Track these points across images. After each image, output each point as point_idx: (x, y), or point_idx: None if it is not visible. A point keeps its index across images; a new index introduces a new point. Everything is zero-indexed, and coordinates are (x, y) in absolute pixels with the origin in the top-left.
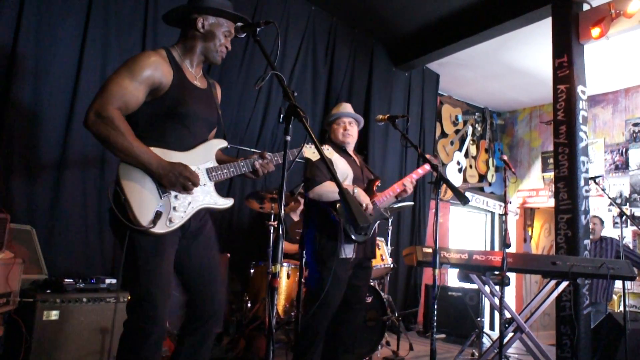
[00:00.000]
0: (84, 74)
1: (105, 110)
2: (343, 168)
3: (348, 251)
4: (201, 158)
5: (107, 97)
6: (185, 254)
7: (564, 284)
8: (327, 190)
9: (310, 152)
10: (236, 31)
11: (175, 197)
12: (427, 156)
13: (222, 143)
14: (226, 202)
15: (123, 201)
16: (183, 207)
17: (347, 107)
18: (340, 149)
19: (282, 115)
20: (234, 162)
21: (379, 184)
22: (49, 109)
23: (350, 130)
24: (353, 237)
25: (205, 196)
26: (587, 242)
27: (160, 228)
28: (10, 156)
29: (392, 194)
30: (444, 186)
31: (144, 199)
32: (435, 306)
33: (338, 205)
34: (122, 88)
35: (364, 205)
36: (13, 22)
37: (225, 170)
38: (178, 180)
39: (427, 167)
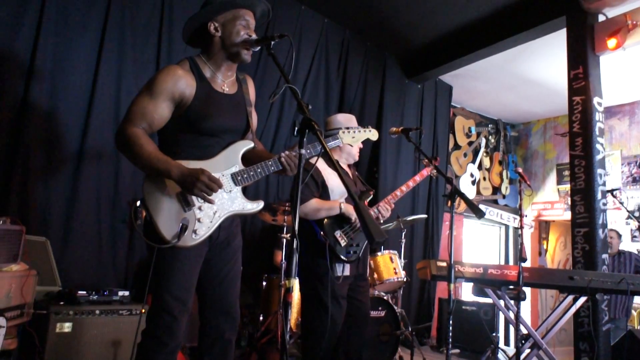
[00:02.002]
0: (99, 88)
1: (126, 131)
2: (336, 182)
3: (342, 269)
4: (224, 164)
5: (129, 118)
6: (207, 264)
7: (582, 299)
8: (313, 208)
9: (349, 137)
10: (251, 44)
11: (199, 208)
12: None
13: (248, 144)
14: (254, 206)
15: (148, 219)
16: (208, 218)
17: (355, 121)
18: (330, 161)
19: (296, 129)
20: (261, 163)
21: (371, 196)
22: (65, 122)
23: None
24: (342, 257)
25: (233, 203)
26: (605, 256)
27: (187, 241)
28: (27, 169)
29: (385, 206)
30: (457, 199)
31: (167, 215)
32: (451, 322)
33: (325, 222)
34: (141, 107)
35: (353, 219)
36: (32, 35)
37: (252, 173)
38: (196, 186)
39: (425, 172)
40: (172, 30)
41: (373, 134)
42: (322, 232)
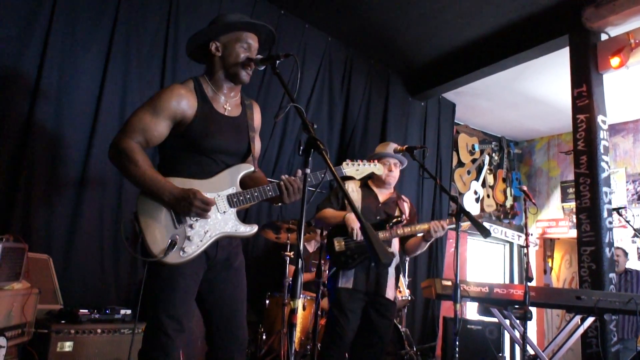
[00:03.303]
0: (103, 107)
1: (122, 143)
2: (354, 199)
3: (344, 280)
4: (222, 184)
5: (127, 131)
6: (210, 285)
7: (590, 319)
8: (323, 216)
9: (352, 170)
10: (256, 64)
11: (191, 226)
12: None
13: (248, 168)
14: (248, 230)
15: (139, 232)
16: (199, 237)
17: (392, 147)
18: (363, 183)
19: (301, 148)
20: (258, 187)
21: (399, 221)
22: (69, 140)
23: (394, 172)
24: (334, 259)
25: (226, 224)
26: (612, 275)
27: (173, 258)
28: (31, 186)
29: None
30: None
31: (158, 230)
32: (457, 342)
33: (333, 229)
34: (141, 122)
35: (350, 229)
36: (38, 54)
37: (248, 196)
38: (190, 207)
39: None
40: (177, 49)
41: (378, 169)
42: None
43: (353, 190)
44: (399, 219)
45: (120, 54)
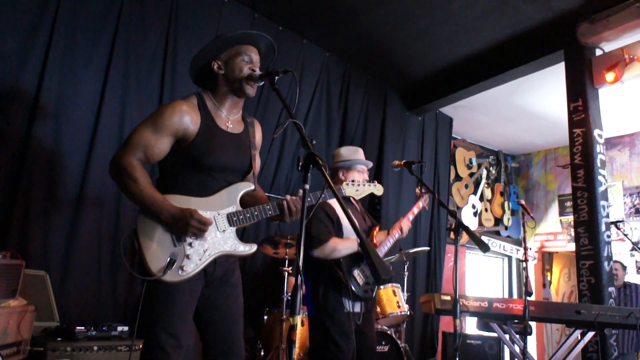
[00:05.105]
0: (102, 123)
1: (122, 160)
2: (346, 220)
3: (351, 305)
4: (222, 203)
5: (127, 147)
6: (206, 301)
7: (590, 334)
8: (334, 248)
9: (352, 190)
10: (255, 80)
11: (190, 244)
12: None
13: (248, 186)
14: (247, 249)
15: (137, 249)
16: (198, 255)
17: (362, 153)
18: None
19: (300, 164)
20: (258, 206)
21: (377, 231)
22: (67, 156)
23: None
24: (360, 295)
25: (225, 243)
26: (612, 289)
27: (172, 277)
28: (28, 202)
29: (392, 241)
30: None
31: (157, 248)
32: (457, 358)
33: (341, 260)
34: (142, 139)
35: None
36: (38, 69)
37: (248, 215)
38: (188, 227)
39: (420, 204)
40: (175, 65)
41: (378, 189)
42: (340, 272)
43: (336, 206)
44: (377, 228)
45: (119, 71)
